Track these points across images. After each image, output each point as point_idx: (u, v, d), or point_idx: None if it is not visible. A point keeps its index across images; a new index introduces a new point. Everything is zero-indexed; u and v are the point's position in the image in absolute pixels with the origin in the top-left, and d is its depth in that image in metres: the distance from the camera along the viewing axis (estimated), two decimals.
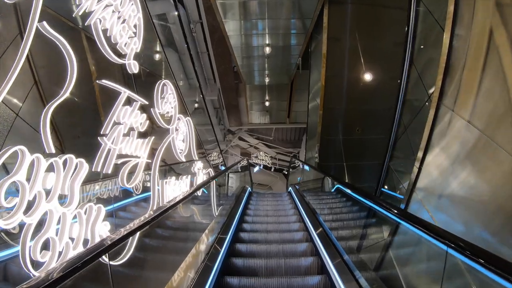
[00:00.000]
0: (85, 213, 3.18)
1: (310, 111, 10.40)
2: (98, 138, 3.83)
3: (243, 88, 16.81)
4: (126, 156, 4.28)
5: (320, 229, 4.68)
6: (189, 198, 4.40)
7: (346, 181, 9.66)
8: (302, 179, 10.59)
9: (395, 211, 2.48)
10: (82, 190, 3.48)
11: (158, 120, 5.31)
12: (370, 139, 9.32)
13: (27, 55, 2.80)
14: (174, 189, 5.89)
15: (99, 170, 3.74)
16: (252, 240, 5.27)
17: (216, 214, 5.92)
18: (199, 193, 6.09)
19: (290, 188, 10.79)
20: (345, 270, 3.22)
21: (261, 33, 10.30)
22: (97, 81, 3.98)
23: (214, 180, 7.50)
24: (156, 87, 5.43)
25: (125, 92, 4.33)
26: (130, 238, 2.19)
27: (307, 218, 5.81)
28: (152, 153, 5.16)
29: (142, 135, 4.64)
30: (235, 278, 3.77)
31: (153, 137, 4.88)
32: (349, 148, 9.69)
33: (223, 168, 18.70)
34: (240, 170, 16.13)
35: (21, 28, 2.94)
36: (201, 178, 7.68)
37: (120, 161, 4.13)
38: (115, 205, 6.09)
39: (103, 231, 3.54)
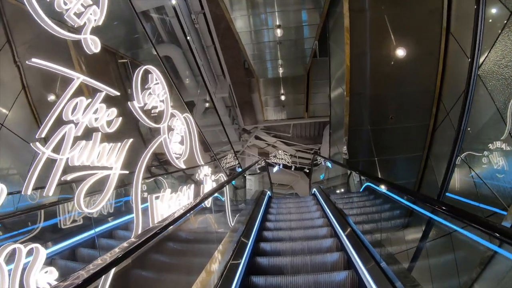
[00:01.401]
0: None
1: (334, 101, 8.99)
2: (31, 144, 2.60)
3: (255, 82, 15.49)
4: (84, 168, 3.04)
5: (373, 263, 3.26)
6: (187, 217, 3.19)
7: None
8: (328, 180, 9.27)
9: None
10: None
11: (139, 117, 4.06)
12: (406, 128, 7.87)
13: None
14: (171, 204, 4.63)
15: (29, 192, 2.52)
16: (274, 268, 3.96)
17: (231, 225, 5.07)
18: (207, 204, 4.90)
19: (314, 189, 9.44)
20: None
21: (270, 12, 8.97)
22: (27, 62, 2.74)
23: (226, 187, 6.27)
24: (135, 75, 4.18)
25: (78, 78, 3.09)
26: None
27: (342, 233, 4.46)
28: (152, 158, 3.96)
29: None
30: None
31: (131, 140, 3.63)
32: (381, 140, 8.26)
33: (240, 170, 17.50)
34: (258, 171, 14.90)
35: None
36: (209, 186, 6.39)
37: (71, 176, 2.89)
38: (76, 239, 4.89)
39: (43, 282, 2.36)
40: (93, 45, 3.37)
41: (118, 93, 3.63)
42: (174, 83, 8.87)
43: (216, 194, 5.20)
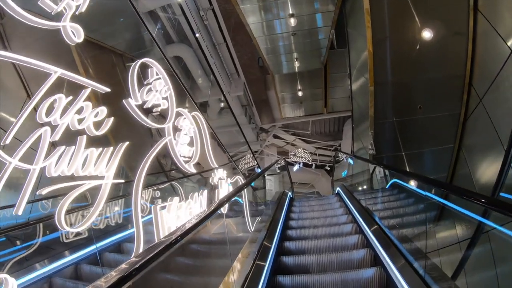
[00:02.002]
0: None
1: (356, 93, 8.32)
2: None
3: (271, 79, 14.90)
4: (67, 179, 2.57)
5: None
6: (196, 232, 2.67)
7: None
8: (352, 177, 8.64)
9: None
10: None
11: (136, 116, 3.57)
12: (435, 118, 7.15)
13: None
14: (180, 214, 4.13)
15: (20, 212, 2.07)
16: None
17: (251, 230, 4.77)
18: (223, 210, 4.38)
19: (337, 188, 8.80)
20: None
21: (282, 1, 8.36)
22: None
23: (244, 190, 5.75)
24: (130, 69, 3.70)
25: (55, 72, 2.60)
26: None
27: (376, 242, 3.84)
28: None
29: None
30: None
31: (126, 143, 3.15)
32: (408, 133, 7.56)
33: (259, 170, 16.98)
34: (277, 171, 14.35)
35: None
36: (225, 190, 5.86)
37: (49, 189, 2.41)
38: (77, 255, 4.45)
39: None
40: (75, 34, 2.88)
41: (108, 89, 3.15)
42: (183, 84, 8.45)
43: (233, 198, 4.68)
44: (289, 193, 9.21)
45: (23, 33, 6.83)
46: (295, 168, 20.15)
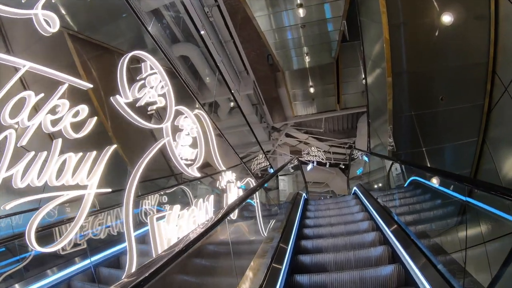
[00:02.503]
0: None
1: (371, 86, 7.78)
2: None
3: (281, 76, 14.43)
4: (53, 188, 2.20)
5: None
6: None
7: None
8: (369, 176, 8.17)
9: None
10: None
11: (126, 115, 3.18)
12: (457, 110, 6.62)
13: None
14: (182, 224, 3.73)
15: None
16: None
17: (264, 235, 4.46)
18: (233, 216, 4.02)
19: (354, 188, 8.31)
20: None
21: None
22: None
23: (256, 193, 5.35)
24: (120, 64, 3.31)
25: (24, 66, 2.23)
26: None
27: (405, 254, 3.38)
28: None
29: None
30: None
31: (114, 147, 2.76)
32: (429, 127, 7.03)
33: (271, 171, 16.55)
34: (291, 171, 13.88)
35: None
36: (234, 194, 5.43)
37: (14, 203, 2.03)
38: (71, 270, 4.07)
39: None
40: (50, 24, 2.50)
41: (90, 85, 2.76)
42: (184, 80, 8.07)
43: (241, 205, 4.27)
44: (304, 194, 8.75)
45: (24, 35, 6.60)
46: (309, 167, 19.63)
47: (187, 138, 4.28)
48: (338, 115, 17.19)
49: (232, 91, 13.00)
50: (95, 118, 2.64)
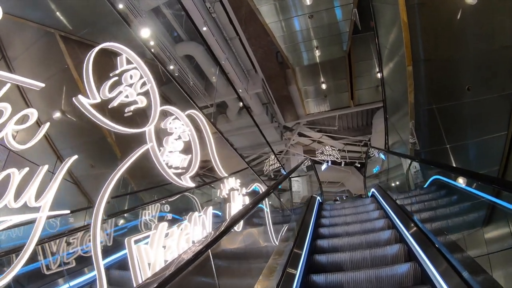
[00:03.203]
0: None
1: (388, 77, 7.09)
2: None
3: (291, 73, 13.81)
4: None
5: None
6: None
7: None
8: (387, 175, 7.54)
9: None
10: None
11: (93, 117, 2.66)
12: (484, 101, 5.92)
13: None
14: (171, 244, 3.19)
15: None
16: None
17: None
18: (237, 228, 3.49)
19: (372, 189, 7.66)
20: None
21: None
22: None
23: (265, 200, 4.79)
24: (86, 59, 2.80)
25: None
26: None
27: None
28: None
29: None
30: None
31: (74, 158, 2.24)
32: (453, 121, 6.32)
33: (284, 172, 15.94)
34: (305, 171, 13.26)
35: None
36: (238, 204, 4.86)
37: None
38: None
39: None
40: None
41: (43, 84, 2.25)
42: (174, 79, 7.57)
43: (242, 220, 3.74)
44: (318, 198, 8.13)
45: (15, 42, 6.23)
46: (323, 167, 18.92)
47: (177, 143, 3.74)
48: (352, 111, 16.45)
49: (240, 90, 12.47)
50: (48, 124, 2.12)
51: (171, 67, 11.43)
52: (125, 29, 8.63)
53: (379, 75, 12.67)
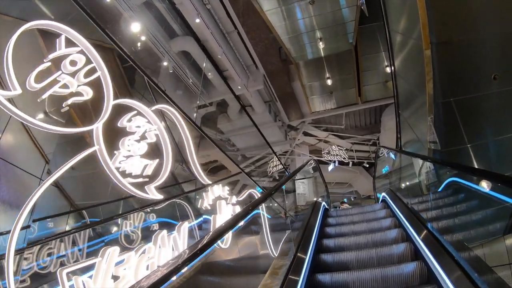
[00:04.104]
0: None
1: (401, 67, 6.20)
2: None
3: (295, 69, 13.00)
4: None
5: None
6: None
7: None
8: (400, 173, 6.76)
9: None
10: None
11: (10, 112, 1.92)
12: (509, 92, 5.07)
13: None
14: (126, 275, 2.45)
15: None
16: None
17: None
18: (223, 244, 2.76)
19: (383, 194, 6.87)
20: None
21: None
22: None
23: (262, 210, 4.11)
24: (8, 45, 2.08)
25: None
26: None
27: None
28: None
29: None
30: None
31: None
32: (476, 115, 5.45)
33: (287, 173, 15.19)
34: (310, 172, 12.51)
35: None
36: (226, 215, 4.08)
37: None
38: None
39: None
40: None
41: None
42: (191, 82, 6.88)
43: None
44: (323, 203, 7.34)
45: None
46: (330, 167, 18.06)
47: (138, 145, 3.00)
48: (359, 109, 15.59)
49: (239, 87, 11.73)
50: None
51: (165, 63, 10.74)
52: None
53: (388, 69, 11.80)
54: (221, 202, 4.05)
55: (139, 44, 10.30)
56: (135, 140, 3.01)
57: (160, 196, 3.06)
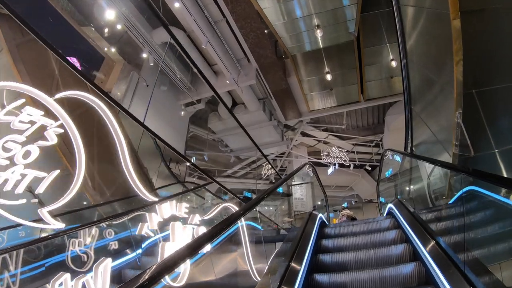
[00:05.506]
0: None
1: (413, 49, 5.00)
2: None
3: (291, 62, 11.86)
4: None
5: None
6: None
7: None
8: (407, 176, 5.79)
9: None
10: None
11: None
12: None
13: None
14: None
15: None
16: None
17: None
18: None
19: (390, 206, 5.83)
20: None
21: None
22: None
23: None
24: None
25: None
26: None
27: None
28: None
29: None
30: None
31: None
32: (504, 112, 4.33)
33: (282, 177, 14.13)
34: (311, 175, 11.47)
35: None
36: (183, 241, 2.97)
37: None
38: None
39: None
40: None
41: None
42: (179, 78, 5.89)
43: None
44: (320, 215, 6.27)
45: None
46: (330, 171, 16.96)
47: (21, 150, 1.92)
48: (362, 107, 14.47)
49: (228, 81, 10.66)
50: None
51: (144, 55, 9.68)
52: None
53: (394, 63, 10.72)
54: (174, 225, 2.96)
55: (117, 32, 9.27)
56: (20, 141, 1.93)
57: (58, 224, 1.99)
